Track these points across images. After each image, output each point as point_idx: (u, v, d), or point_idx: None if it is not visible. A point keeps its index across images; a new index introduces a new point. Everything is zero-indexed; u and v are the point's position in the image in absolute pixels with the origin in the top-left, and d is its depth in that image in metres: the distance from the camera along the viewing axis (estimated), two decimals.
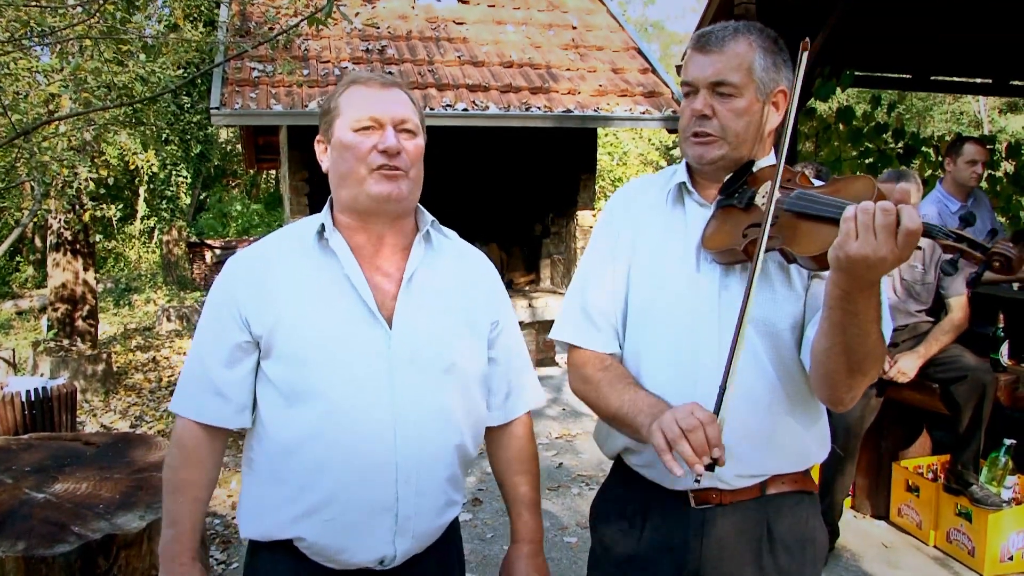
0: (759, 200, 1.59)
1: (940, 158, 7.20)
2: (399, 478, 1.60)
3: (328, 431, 1.58)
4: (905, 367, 3.86)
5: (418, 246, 1.70)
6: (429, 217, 1.75)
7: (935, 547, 4.09)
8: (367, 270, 1.65)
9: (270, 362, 1.62)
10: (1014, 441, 3.95)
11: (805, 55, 1.51)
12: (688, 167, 1.74)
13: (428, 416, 1.64)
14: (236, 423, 1.67)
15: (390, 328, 1.62)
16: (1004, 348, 4.11)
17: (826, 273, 1.39)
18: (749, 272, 1.50)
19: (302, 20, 4.36)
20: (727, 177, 1.68)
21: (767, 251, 1.52)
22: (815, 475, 3.99)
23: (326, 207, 1.71)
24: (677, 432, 1.41)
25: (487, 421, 1.84)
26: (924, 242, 1.34)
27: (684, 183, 1.74)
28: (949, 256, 1.32)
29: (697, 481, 1.43)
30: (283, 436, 1.61)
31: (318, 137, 1.71)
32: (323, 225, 1.66)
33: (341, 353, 1.59)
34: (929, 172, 7.58)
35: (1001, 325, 4.16)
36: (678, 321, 1.65)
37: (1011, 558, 3.84)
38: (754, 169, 1.66)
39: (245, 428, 1.70)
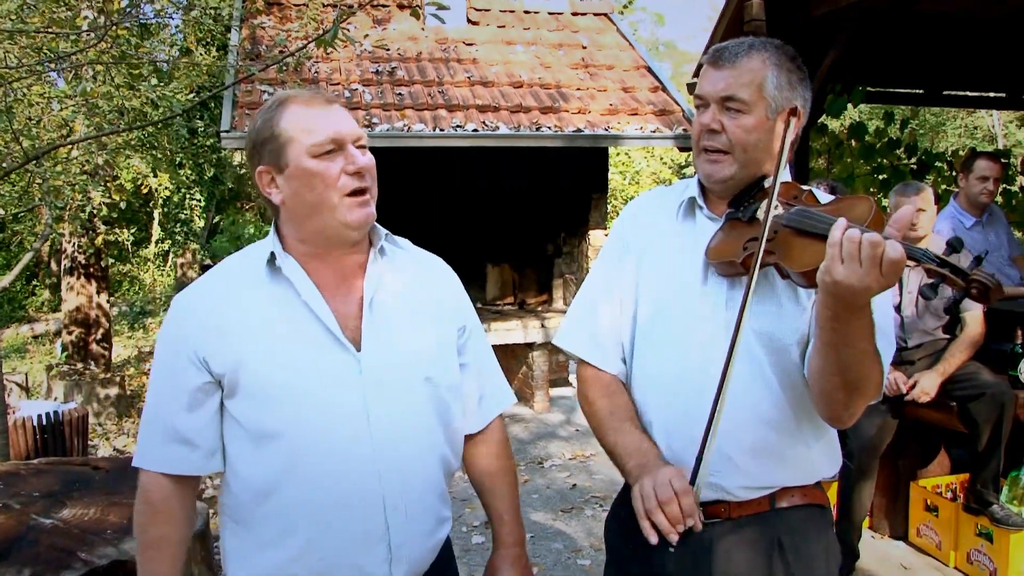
0: (761, 214, 1.59)
1: (954, 173, 7.15)
2: (387, 506, 1.55)
3: (306, 469, 1.51)
4: (926, 386, 3.80)
5: (374, 262, 1.64)
6: (383, 231, 1.67)
7: (956, 568, 4.02)
8: (326, 294, 1.57)
9: (235, 401, 1.54)
10: None
11: (795, 120, 1.59)
12: (700, 182, 1.74)
13: (408, 438, 1.59)
14: (208, 469, 1.59)
15: (358, 352, 1.56)
16: (1023, 365, 4.05)
17: (817, 296, 1.40)
18: (744, 287, 1.51)
19: (309, 43, 4.37)
20: (738, 191, 1.68)
21: (765, 266, 1.53)
22: (832, 495, 3.96)
23: (272, 235, 1.62)
24: (654, 504, 1.49)
25: (464, 429, 1.79)
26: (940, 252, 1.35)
27: (695, 197, 1.74)
28: (931, 280, 1.32)
29: (672, 548, 1.47)
30: (256, 478, 1.54)
31: (261, 168, 1.57)
32: (273, 253, 1.57)
33: (311, 385, 1.52)
34: (943, 187, 7.52)
35: (1019, 341, 4.10)
36: (686, 334, 1.65)
37: None
38: (764, 184, 1.66)
39: (219, 472, 1.62)
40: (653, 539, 1.46)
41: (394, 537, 1.57)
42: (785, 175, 1.70)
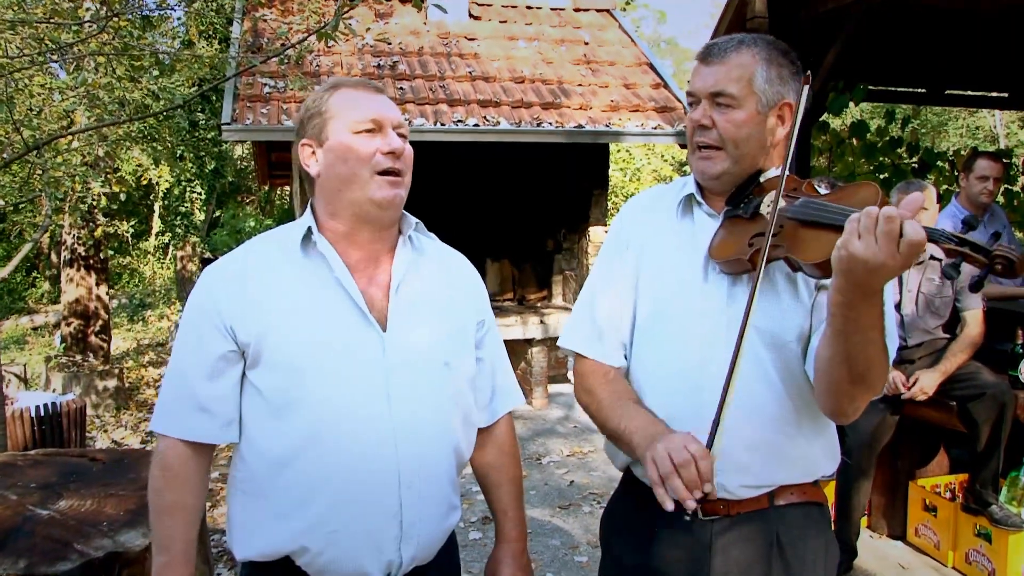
0: (764, 209, 1.59)
1: (955, 172, 7.14)
2: (402, 483, 1.57)
3: (326, 440, 1.53)
4: (925, 385, 3.80)
5: (403, 249, 1.69)
6: (413, 220, 1.73)
7: (954, 568, 4.02)
8: (355, 275, 1.61)
9: (258, 371, 1.57)
10: None
11: (807, 88, 1.55)
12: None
13: (426, 419, 1.61)
14: (223, 438, 1.61)
15: (384, 331, 1.59)
16: (1023, 365, 4.04)
17: (831, 282, 1.38)
18: (752, 282, 1.50)
19: (310, 35, 4.35)
20: (735, 188, 1.67)
21: (773, 260, 1.53)
22: (830, 493, 3.96)
23: (307, 212, 1.66)
24: (669, 467, 1.41)
25: (477, 422, 1.81)
26: (941, 253, 1.33)
27: (693, 194, 1.73)
28: (951, 260, 1.31)
29: (687, 515, 1.41)
30: (274, 449, 1.56)
31: (304, 140, 1.66)
32: (309, 229, 1.62)
33: (335, 359, 1.55)
34: (944, 187, 7.51)
35: (1020, 341, 4.09)
36: (686, 332, 1.65)
37: None
38: (761, 180, 1.66)
39: (232, 443, 1.64)
40: (669, 505, 1.40)
41: (406, 516, 1.58)
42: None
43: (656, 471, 1.43)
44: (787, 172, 1.55)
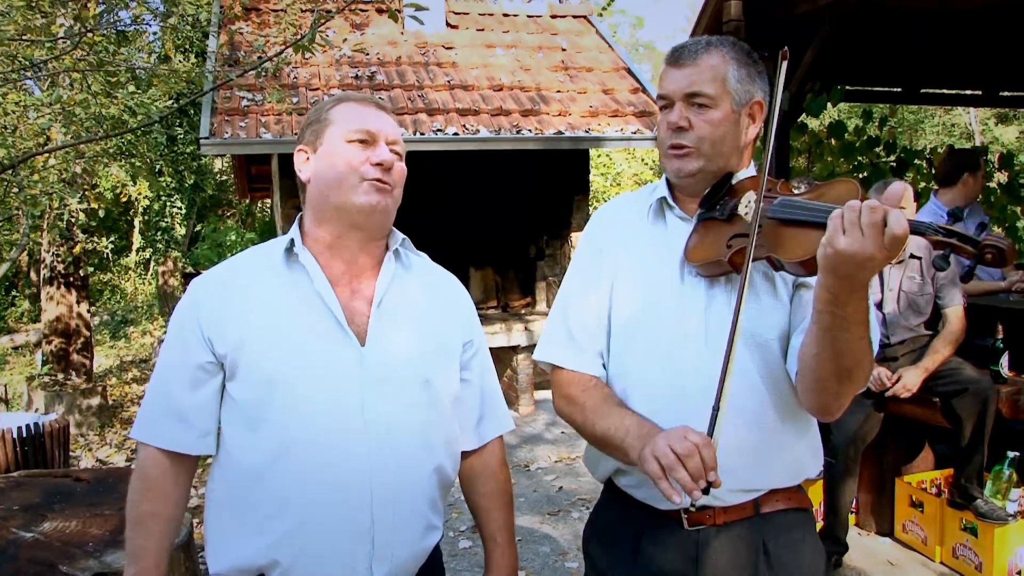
0: (741, 210, 1.60)
1: (932, 170, 7.20)
2: (374, 502, 1.55)
3: (297, 454, 1.52)
4: (908, 382, 3.82)
5: (388, 264, 1.67)
6: (400, 236, 1.72)
7: (942, 563, 4.04)
8: (337, 288, 1.60)
9: (235, 383, 1.57)
10: (1018, 453, 3.91)
11: (784, 63, 1.53)
12: (668, 182, 1.74)
13: (403, 436, 1.59)
14: (198, 449, 1.61)
15: (362, 346, 1.57)
16: (1004, 359, 4.07)
17: (813, 280, 1.39)
18: (740, 282, 1.49)
19: (287, 47, 4.34)
20: (707, 190, 1.67)
21: (755, 260, 1.51)
22: (817, 493, 3.98)
23: (295, 225, 1.67)
24: (672, 459, 1.38)
25: (462, 444, 1.79)
26: (921, 251, 1.35)
27: (664, 198, 1.73)
28: (940, 252, 1.31)
29: (693, 507, 1.40)
30: (248, 462, 1.55)
31: (300, 146, 1.67)
32: (292, 241, 1.62)
33: (310, 372, 1.54)
34: (922, 185, 7.57)
35: (1000, 336, 4.12)
36: (665, 336, 1.63)
37: (1019, 573, 3.79)
38: (733, 181, 1.67)
39: (209, 455, 1.64)
40: (676, 498, 1.36)
41: (378, 535, 1.56)
42: (752, 170, 1.72)
43: (658, 465, 1.40)
44: (755, 173, 1.56)
